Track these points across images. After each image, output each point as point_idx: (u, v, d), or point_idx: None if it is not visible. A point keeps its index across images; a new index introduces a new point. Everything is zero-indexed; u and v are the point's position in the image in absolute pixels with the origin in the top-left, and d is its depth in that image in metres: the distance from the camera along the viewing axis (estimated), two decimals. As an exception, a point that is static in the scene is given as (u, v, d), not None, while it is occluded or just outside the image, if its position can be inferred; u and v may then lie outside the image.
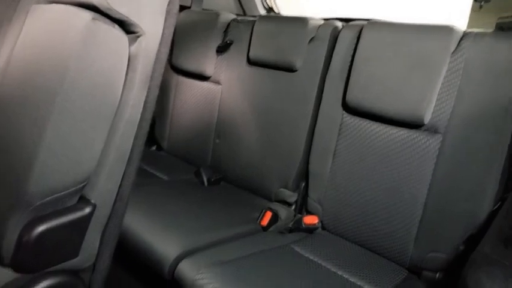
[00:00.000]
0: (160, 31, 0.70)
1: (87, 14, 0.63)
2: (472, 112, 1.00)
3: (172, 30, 0.72)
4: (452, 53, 1.03)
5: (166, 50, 0.72)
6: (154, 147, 1.85)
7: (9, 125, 0.71)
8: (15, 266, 0.65)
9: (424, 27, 1.09)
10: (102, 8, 0.64)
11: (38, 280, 0.67)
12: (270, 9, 2.16)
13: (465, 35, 1.04)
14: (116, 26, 0.66)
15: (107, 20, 0.65)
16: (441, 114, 1.04)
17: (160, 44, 0.71)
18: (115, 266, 0.81)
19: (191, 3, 1.90)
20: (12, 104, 0.72)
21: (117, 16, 0.65)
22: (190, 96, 1.69)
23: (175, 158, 1.73)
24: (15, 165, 0.65)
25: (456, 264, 1.00)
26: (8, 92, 0.75)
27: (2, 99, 0.76)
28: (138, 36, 0.68)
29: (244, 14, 2.15)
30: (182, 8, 1.92)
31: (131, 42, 0.67)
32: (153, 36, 0.69)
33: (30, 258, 0.65)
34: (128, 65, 0.68)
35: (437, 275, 1.04)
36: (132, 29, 0.67)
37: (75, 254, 0.70)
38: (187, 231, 1.09)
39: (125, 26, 0.67)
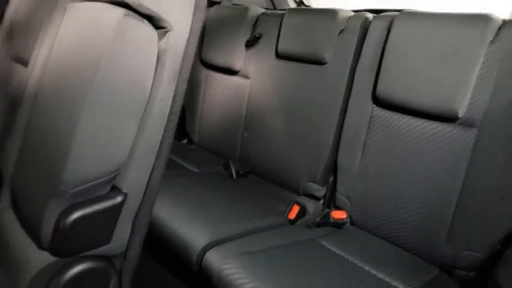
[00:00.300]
0: (189, 26, 0.72)
1: (119, 11, 0.66)
2: (510, 105, 0.94)
3: (200, 25, 0.73)
4: (490, 43, 0.98)
5: (194, 45, 0.74)
6: (185, 141, 1.90)
7: (47, 119, 0.75)
8: (52, 249, 0.69)
9: (459, 16, 1.04)
10: (133, 5, 0.67)
11: (72, 264, 0.71)
12: (300, 3, 2.14)
13: (504, 23, 0.98)
14: (146, 21, 0.68)
15: (137, 16, 0.67)
16: (477, 108, 0.99)
17: (189, 39, 0.72)
18: (145, 254, 0.84)
19: (222, -1, 1.92)
20: (49, 99, 0.77)
21: (146, 12, 0.67)
22: (220, 90, 1.72)
23: (205, 151, 1.76)
24: (52, 156, 0.69)
25: (492, 263, 0.96)
26: (46, 87, 0.80)
27: (41, 93, 0.81)
28: (167, 32, 0.69)
29: (274, 7, 2.14)
30: (212, 3, 1.94)
31: (160, 37, 0.69)
32: (181, 31, 0.71)
33: (65, 243, 0.69)
34: (157, 60, 0.69)
35: (471, 274, 1.01)
36: (161, 24, 0.69)
37: (107, 240, 0.74)
38: (215, 221, 1.11)
39: (154, 21, 0.68)
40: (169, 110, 0.73)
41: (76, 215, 0.67)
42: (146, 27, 0.67)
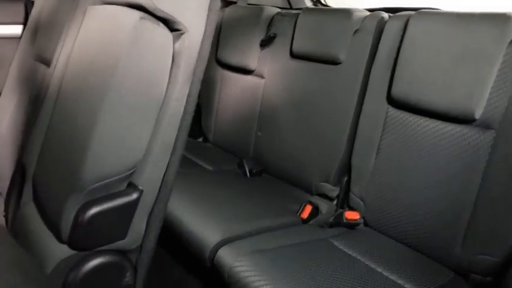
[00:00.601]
0: (203, 28, 0.73)
1: (136, 14, 0.68)
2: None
3: (214, 26, 0.75)
4: (510, 42, 0.96)
5: (208, 46, 0.75)
6: (201, 139, 1.93)
7: (67, 118, 0.78)
8: (70, 243, 0.72)
9: (477, 15, 1.02)
10: (148, 8, 0.69)
11: (90, 258, 0.74)
12: (317, 2, 2.13)
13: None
14: (161, 24, 0.70)
15: (153, 19, 0.69)
16: (495, 109, 0.98)
17: (203, 40, 0.74)
18: (160, 249, 0.87)
19: (238, -2, 1.94)
20: (70, 98, 0.80)
21: (162, 15, 0.69)
22: (235, 89, 1.73)
23: (220, 149, 1.79)
24: (71, 153, 0.72)
25: (508, 268, 0.94)
26: (67, 86, 0.83)
27: (63, 92, 0.84)
28: (182, 34, 0.71)
29: (291, 7, 2.14)
30: (228, 3, 1.96)
31: (175, 39, 0.71)
32: (195, 33, 0.73)
33: (83, 237, 0.72)
34: (172, 61, 0.71)
35: (487, 278, 0.99)
36: (176, 26, 0.71)
37: (124, 235, 0.76)
38: (228, 219, 1.13)
39: (169, 24, 0.70)
40: (184, 109, 0.75)
41: (94, 210, 0.70)
42: (161, 29, 0.69)
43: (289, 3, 2.15)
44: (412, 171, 1.12)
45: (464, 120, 1.02)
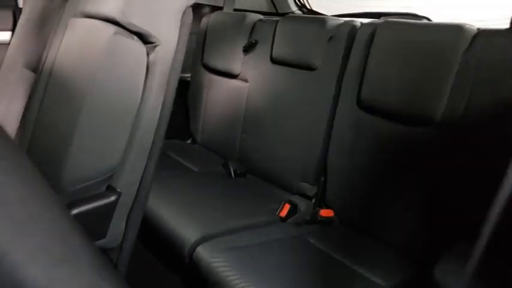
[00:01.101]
0: (176, 40, 0.79)
1: (111, 28, 0.74)
2: (483, 111, 0.99)
3: (186, 38, 0.81)
4: (464, 51, 1.02)
5: (181, 57, 0.81)
6: (189, 141, 1.98)
7: (49, 126, 0.83)
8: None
9: (436, 25, 1.09)
10: (122, 23, 0.74)
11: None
12: (302, 6, 2.19)
13: (478, 33, 1.03)
14: (135, 37, 0.75)
15: (127, 33, 0.74)
16: (452, 113, 1.04)
17: (176, 51, 0.79)
18: (141, 247, 0.92)
19: (224, 3, 1.99)
20: (51, 108, 0.85)
21: (136, 29, 0.75)
22: (221, 93, 1.79)
23: (207, 151, 1.84)
24: (53, 158, 0.77)
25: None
26: (49, 95, 0.88)
27: (45, 101, 0.90)
28: (156, 46, 0.77)
29: (276, 11, 2.20)
30: (214, 8, 2.01)
31: (150, 50, 0.76)
32: (169, 44, 0.78)
33: (64, 235, 0.77)
34: (147, 71, 0.77)
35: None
36: (150, 39, 0.76)
37: (104, 235, 0.81)
38: (208, 218, 1.18)
39: (143, 37, 0.76)
40: (159, 116, 0.81)
41: (74, 212, 0.75)
42: (135, 42, 0.75)
43: (275, 7, 2.21)
44: (381, 171, 1.18)
45: (424, 122, 1.08)
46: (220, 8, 1.98)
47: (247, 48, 1.63)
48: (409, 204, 1.13)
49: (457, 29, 1.04)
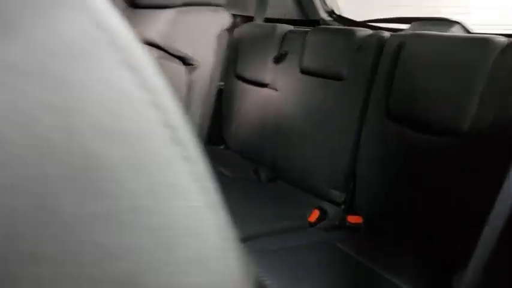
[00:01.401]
0: (213, 61, 0.87)
1: (154, 53, 0.83)
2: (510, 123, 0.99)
3: (222, 58, 0.89)
4: (492, 63, 1.03)
5: (218, 75, 0.89)
6: (222, 146, 2.07)
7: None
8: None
9: (465, 38, 1.10)
10: (165, 47, 0.83)
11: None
12: (331, 12, 2.22)
13: (508, 45, 1.03)
14: (177, 60, 0.84)
15: (170, 57, 0.83)
16: (481, 123, 1.05)
17: (213, 70, 0.88)
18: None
19: (255, 13, 2.06)
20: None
21: (177, 53, 0.83)
22: (252, 101, 1.86)
23: (239, 156, 1.92)
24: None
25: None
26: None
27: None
28: (195, 68, 0.85)
29: (306, 18, 2.24)
30: (246, 18, 2.09)
31: (191, 71, 0.85)
32: (206, 65, 0.87)
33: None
34: (187, 89, 0.86)
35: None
36: (190, 62, 0.85)
37: None
38: (238, 221, 1.25)
39: (184, 60, 0.85)
40: (199, 127, 0.89)
41: None
42: (177, 66, 0.84)
43: (305, 14, 2.25)
44: (410, 180, 1.20)
45: (452, 133, 1.10)
46: (251, 18, 2.06)
47: (278, 59, 1.69)
48: (437, 214, 1.14)
49: (485, 41, 1.05)
